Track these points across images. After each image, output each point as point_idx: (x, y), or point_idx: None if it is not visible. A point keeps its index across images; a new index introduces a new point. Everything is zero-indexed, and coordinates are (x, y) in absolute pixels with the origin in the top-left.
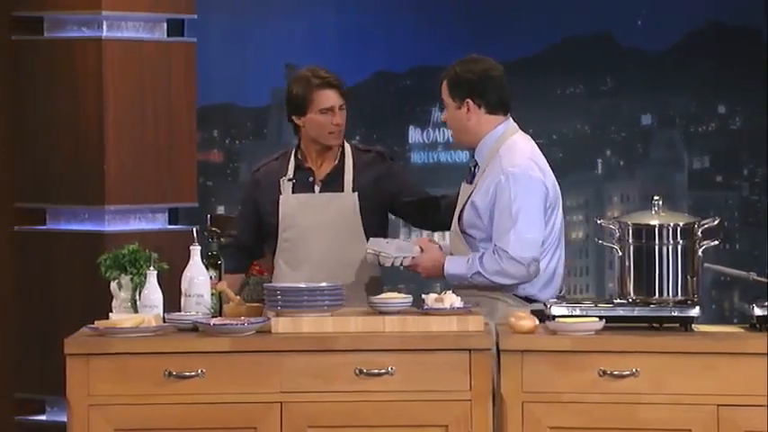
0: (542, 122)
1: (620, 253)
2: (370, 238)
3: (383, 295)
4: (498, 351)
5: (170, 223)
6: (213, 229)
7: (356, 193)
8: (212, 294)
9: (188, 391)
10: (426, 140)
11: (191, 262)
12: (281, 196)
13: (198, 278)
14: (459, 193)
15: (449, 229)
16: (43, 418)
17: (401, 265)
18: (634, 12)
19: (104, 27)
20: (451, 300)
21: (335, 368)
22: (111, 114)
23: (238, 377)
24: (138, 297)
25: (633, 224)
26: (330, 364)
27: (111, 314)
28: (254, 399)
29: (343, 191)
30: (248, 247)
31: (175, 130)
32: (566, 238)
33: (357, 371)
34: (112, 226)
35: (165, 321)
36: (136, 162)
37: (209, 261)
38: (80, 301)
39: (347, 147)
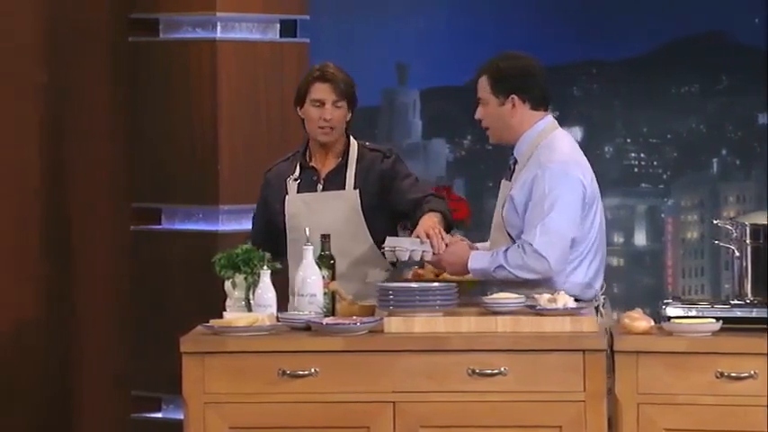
0: (657, 122)
1: (738, 253)
2: (387, 237)
3: (496, 295)
4: (612, 352)
5: None
6: None
7: (357, 191)
8: (325, 294)
9: (301, 389)
10: None
11: (303, 262)
12: (286, 196)
13: (311, 278)
14: (499, 191)
15: (431, 210)
16: (159, 415)
17: (421, 259)
18: (751, 9)
19: (218, 28)
20: (565, 300)
21: (448, 368)
22: (224, 115)
23: (351, 376)
24: (251, 296)
25: (751, 225)
26: (442, 364)
27: (225, 313)
28: (366, 398)
29: (344, 189)
30: (262, 247)
31: (288, 130)
32: (680, 238)
33: (470, 371)
34: (226, 225)
35: (278, 320)
36: (249, 162)
37: (322, 261)
38: (195, 300)
39: (353, 145)
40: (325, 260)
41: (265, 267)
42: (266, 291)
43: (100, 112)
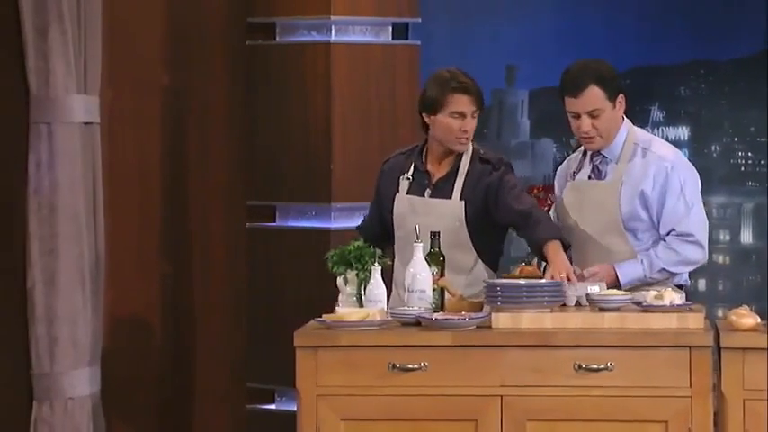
0: (764, 121)
1: None
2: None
3: (604, 292)
4: (719, 348)
5: None
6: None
7: (462, 202)
8: (434, 290)
9: (411, 383)
10: None
11: (414, 258)
12: (396, 194)
13: (420, 274)
14: (564, 190)
15: (549, 238)
16: (273, 406)
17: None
18: None
19: (333, 31)
20: (671, 297)
21: (555, 363)
22: (338, 115)
23: (460, 370)
24: (363, 292)
25: None
26: (549, 358)
27: (337, 308)
28: (474, 392)
29: (451, 197)
30: (375, 236)
31: (399, 130)
32: None
33: (576, 366)
34: (338, 223)
35: (389, 316)
36: (360, 161)
37: (431, 258)
38: (307, 295)
39: (469, 152)
40: (434, 257)
41: (376, 264)
42: (377, 286)
43: (218, 113)
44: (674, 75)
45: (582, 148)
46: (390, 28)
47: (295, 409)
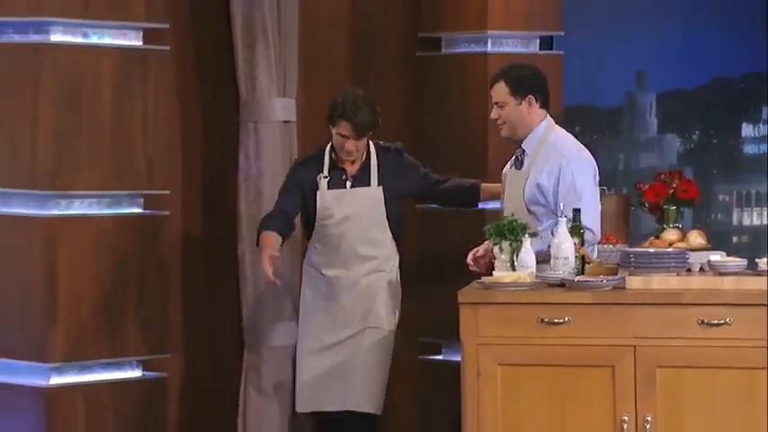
0: None
1: None
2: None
3: (720, 258)
4: None
5: None
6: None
7: (381, 187)
8: (576, 257)
9: (557, 335)
10: (756, 135)
11: (558, 230)
12: (317, 191)
13: (564, 244)
14: (504, 179)
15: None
16: (440, 357)
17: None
18: None
19: (489, 44)
20: None
21: (681, 319)
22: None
23: (598, 325)
24: (515, 258)
25: None
26: (676, 315)
27: (494, 272)
28: (611, 342)
29: (370, 185)
30: (289, 223)
31: None
32: None
33: (699, 321)
34: (491, 205)
35: (537, 278)
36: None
37: (574, 230)
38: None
39: (371, 146)
40: (576, 230)
41: (526, 235)
42: (527, 254)
43: (392, 117)
44: None
45: None
46: (538, 40)
47: (458, 359)
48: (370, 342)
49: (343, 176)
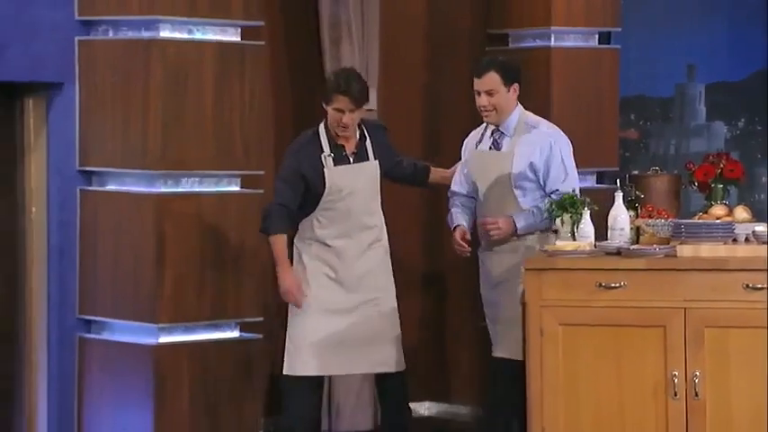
0: None
1: None
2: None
3: (764, 229)
4: None
5: (597, 183)
6: (631, 183)
7: (377, 161)
8: (631, 228)
9: (613, 298)
10: None
11: (615, 203)
12: (325, 170)
13: (620, 216)
14: (466, 158)
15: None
16: None
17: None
18: None
19: (552, 39)
20: None
21: (727, 283)
22: (555, 105)
23: (652, 289)
24: (576, 230)
25: None
26: (723, 280)
27: (557, 241)
28: (663, 304)
29: (368, 159)
30: (294, 213)
31: (603, 115)
32: None
33: (744, 285)
34: None
35: (596, 247)
36: (575, 145)
37: (629, 203)
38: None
39: (362, 124)
40: (631, 203)
41: (586, 209)
42: (587, 225)
43: (461, 107)
44: None
45: (484, 124)
46: (597, 36)
47: (524, 318)
48: (386, 307)
49: (344, 153)
